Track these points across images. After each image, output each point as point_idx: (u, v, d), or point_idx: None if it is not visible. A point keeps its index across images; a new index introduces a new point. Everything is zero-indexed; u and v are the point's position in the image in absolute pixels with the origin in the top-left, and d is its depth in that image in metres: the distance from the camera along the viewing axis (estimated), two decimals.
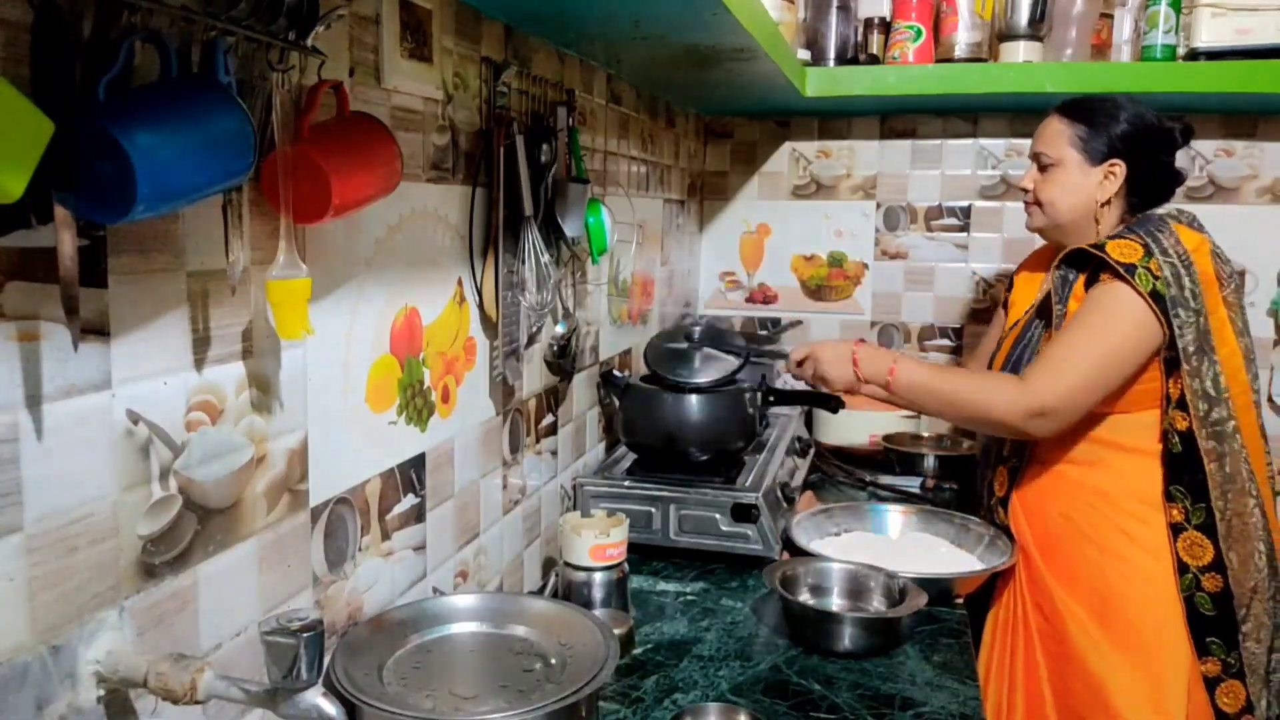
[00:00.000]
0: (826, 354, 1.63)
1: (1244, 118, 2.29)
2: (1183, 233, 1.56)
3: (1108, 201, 1.60)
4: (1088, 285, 1.56)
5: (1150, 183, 1.61)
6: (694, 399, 1.70)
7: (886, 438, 2.26)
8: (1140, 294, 1.46)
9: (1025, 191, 1.69)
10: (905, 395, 1.58)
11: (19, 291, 0.63)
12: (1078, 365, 1.48)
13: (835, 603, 1.46)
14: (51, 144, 0.56)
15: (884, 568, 1.47)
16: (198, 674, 0.71)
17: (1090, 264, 1.56)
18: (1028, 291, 1.75)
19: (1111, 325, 1.48)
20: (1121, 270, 1.48)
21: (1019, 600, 1.63)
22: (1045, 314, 1.64)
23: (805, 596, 1.45)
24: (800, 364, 1.66)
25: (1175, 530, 1.52)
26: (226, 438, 0.84)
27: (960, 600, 1.51)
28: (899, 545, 1.68)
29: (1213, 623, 1.50)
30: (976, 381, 1.60)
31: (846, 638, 1.32)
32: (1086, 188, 1.60)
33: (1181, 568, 1.52)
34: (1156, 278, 1.47)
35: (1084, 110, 1.62)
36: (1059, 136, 1.62)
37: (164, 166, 0.63)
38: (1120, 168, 1.58)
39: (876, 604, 1.44)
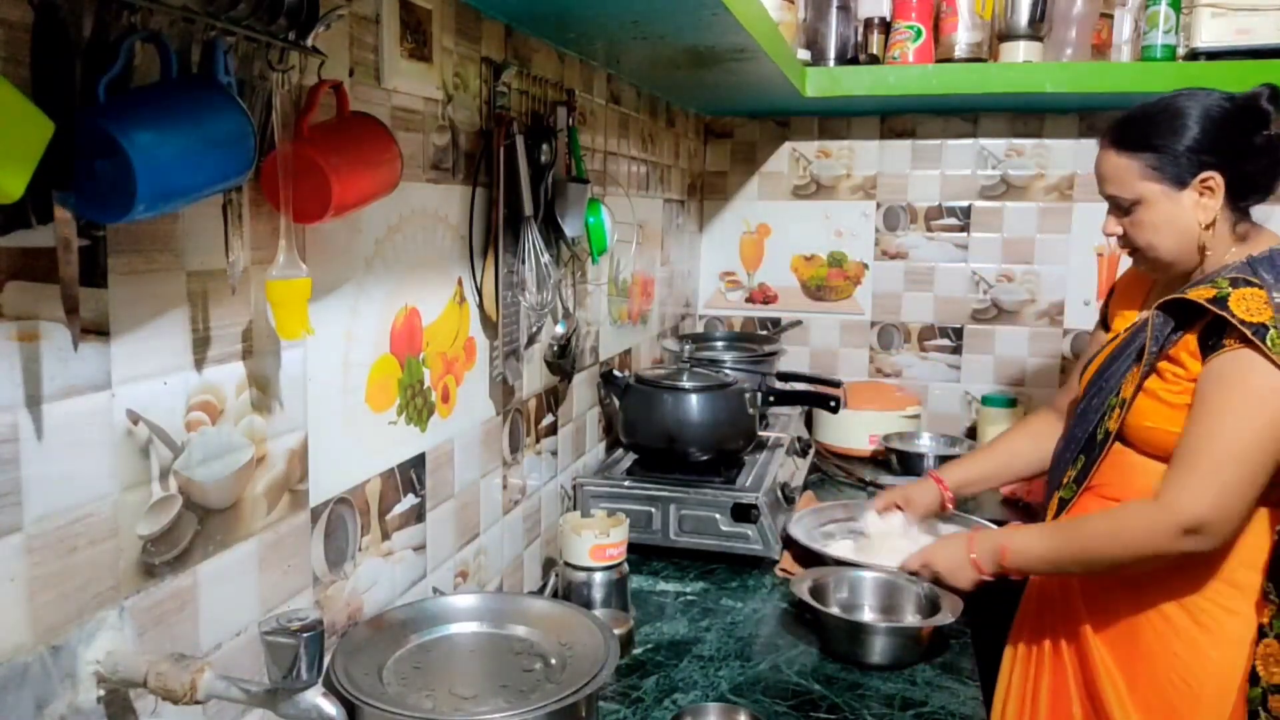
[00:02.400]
0: (943, 563, 1.43)
1: None
2: None
3: (1213, 223, 1.33)
4: (1204, 346, 1.28)
5: (1256, 174, 1.34)
6: (694, 399, 1.70)
7: (886, 438, 2.26)
8: (1276, 363, 1.20)
9: (1114, 237, 1.43)
10: (1031, 570, 1.40)
11: (19, 291, 0.63)
12: (1221, 466, 1.23)
13: (868, 615, 1.43)
14: (52, 144, 0.56)
15: (887, 565, 1.47)
16: (198, 674, 0.71)
17: (1198, 312, 1.29)
18: (1128, 305, 1.53)
19: (1252, 407, 1.22)
20: (1250, 335, 1.22)
21: (1048, 629, 1.48)
22: (1136, 346, 1.39)
23: (834, 608, 1.40)
24: (916, 572, 1.47)
25: (1260, 633, 1.28)
26: (226, 438, 0.84)
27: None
28: (881, 540, 1.65)
29: None
30: (1105, 524, 1.33)
31: (879, 650, 1.30)
32: (1183, 217, 1.34)
33: (1253, 677, 1.27)
34: None
35: (1141, 134, 1.36)
36: (1126, 173, 1.36)
37: (164, 166, 0.63)
38: (1215, 179, 1.32)
39: (908, 613, 1.41)
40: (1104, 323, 1.61)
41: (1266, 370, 1.21)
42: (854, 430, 2.36)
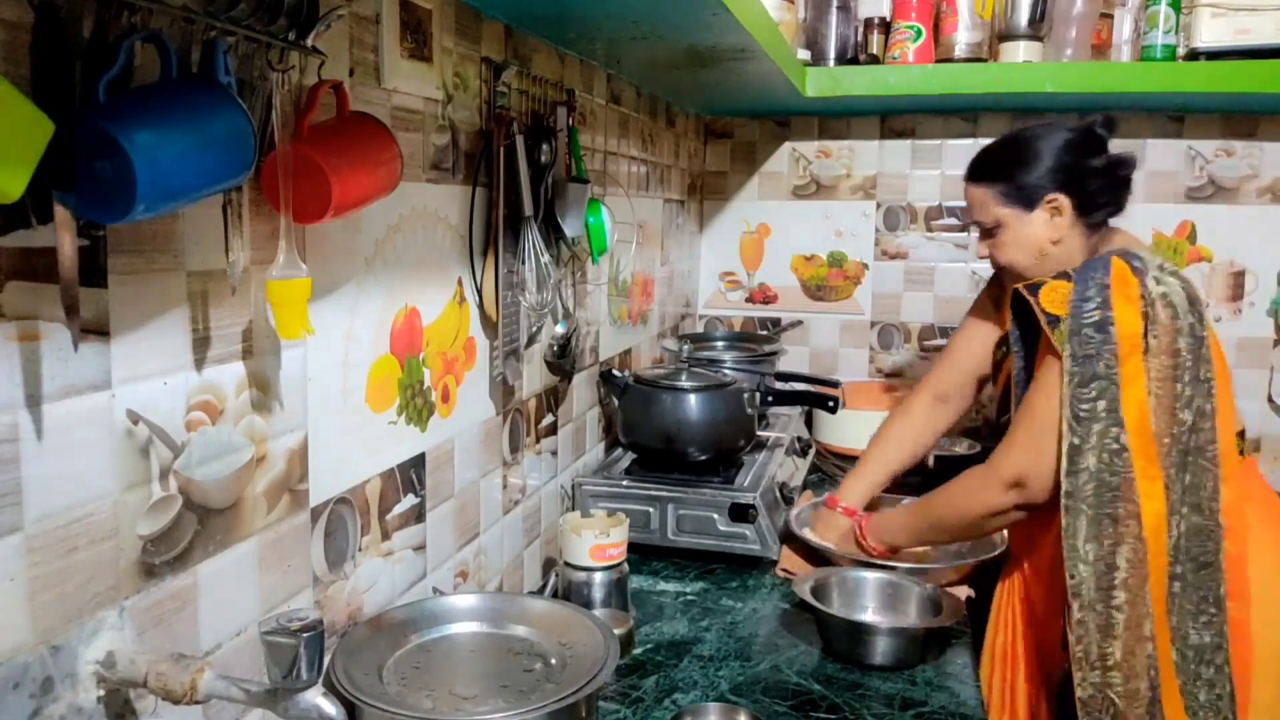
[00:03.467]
0: (826, 533, 1.65)
1: (1244, 118, 2.29)
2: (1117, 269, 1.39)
3: (1059, 239, 1.49)
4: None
5: (1098, 193, 1.49)
6: (692, 398, 1.70)
7: None
8: (1057, 352, 1.34)
9: (985, 258, 1.60)
10: (894, 542, 1.57)
11: (19, 291, 0.63)
12: (1031, 428, 1.37)
13: (869, 615, 1.43)
14: (52, 144, 0.56)
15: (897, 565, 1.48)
16: (198, 674, 0.71)
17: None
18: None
19: (1049, 382, 1.36)
20: (1044, 324, 1.36)
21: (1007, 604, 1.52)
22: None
23: (835, 605, 1.41)
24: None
25: None
26: (226, 438, 0.84)
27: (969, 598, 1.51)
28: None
29: None
30: (946, 492, 1.50)
31: (881, 651, 1.30)
32: (1036, 235, 1.50)
33: None
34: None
35: (993, 166, 1.53)
36: (985, 201, 1.53)
37: (164, 166, 0.63)
38: (1060, 200, 1.47)
39: (912, 613, 1.41)
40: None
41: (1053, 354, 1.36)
42: (854, 430, 2.35)
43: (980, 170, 1.55)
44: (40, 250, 0.64)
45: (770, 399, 1.83)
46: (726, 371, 1.95)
